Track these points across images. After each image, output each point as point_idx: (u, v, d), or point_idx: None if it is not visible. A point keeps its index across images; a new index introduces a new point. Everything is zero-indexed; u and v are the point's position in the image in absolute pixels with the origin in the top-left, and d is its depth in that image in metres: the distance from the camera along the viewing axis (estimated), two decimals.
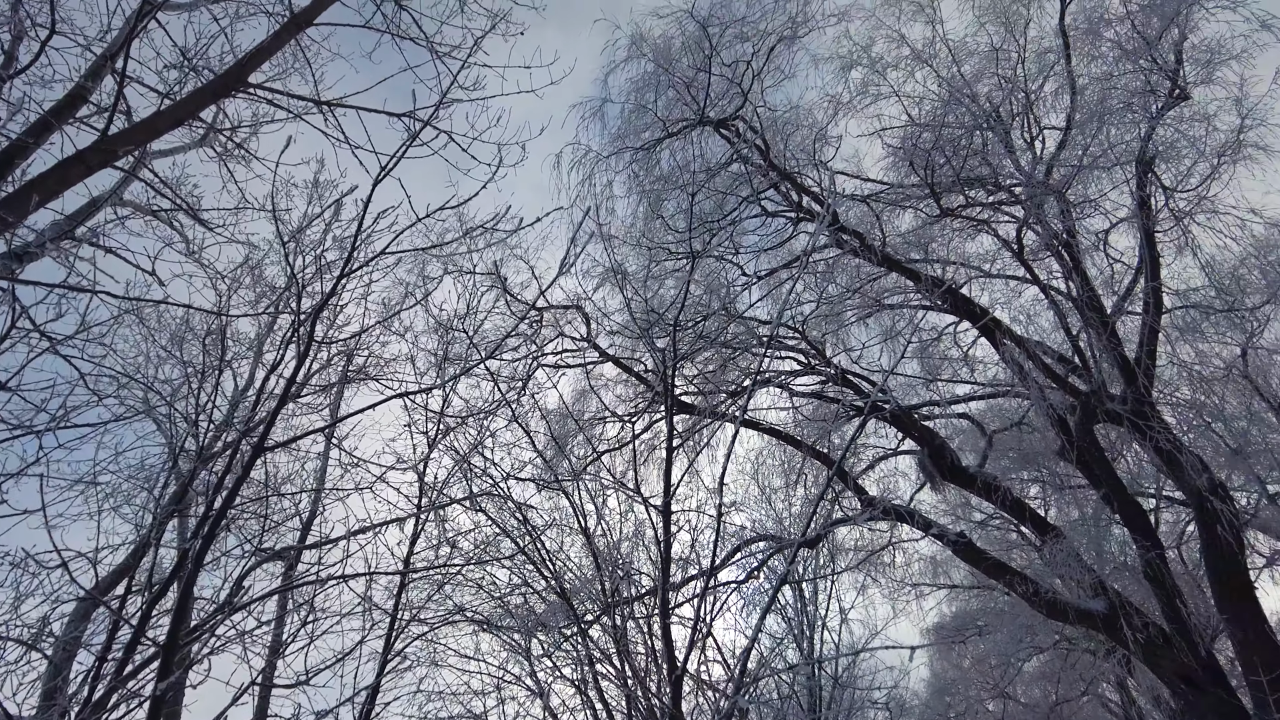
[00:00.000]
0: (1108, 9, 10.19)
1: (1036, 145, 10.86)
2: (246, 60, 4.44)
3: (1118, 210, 10.73)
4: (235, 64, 4.42)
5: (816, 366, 11.06)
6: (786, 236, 9.92)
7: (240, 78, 4.45)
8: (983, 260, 10.89)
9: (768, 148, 9.09)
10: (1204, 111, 10.04)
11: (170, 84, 5.52)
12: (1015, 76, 10.74)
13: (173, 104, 4.22)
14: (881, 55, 10.71)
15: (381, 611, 4.87)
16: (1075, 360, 10.38)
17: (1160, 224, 10.34)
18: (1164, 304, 10.44)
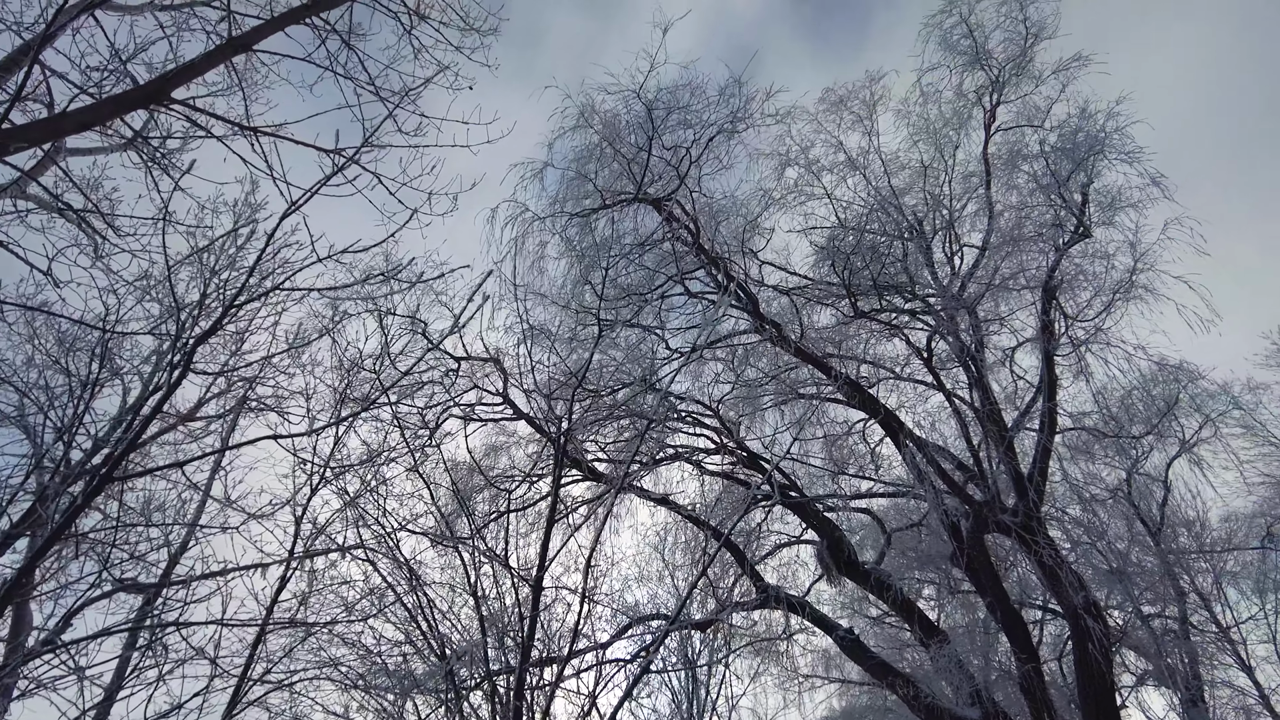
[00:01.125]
0: (1027, 145, 10.99)
1: (955, 260, 11.48)
2: (172, 74, 4.37)
3: (1024, 330, 11.35)
4: (159, 76, 4.34)
5: (729, 446, 11.16)
6: (709, 319, 10.13)
7: (163, 91, 4.36)
8: (895, 363, 11.31)
9: (698, 231, 9.36)
10: (1104, 250, 10.82)
11: (96, 85, 5.39)
12: (941, 194, 11.40)
13: (81, 107, 4.09)
14: (818, 158, 11.28)
15: (214, 664, 4.55)
16: (974, 469, 10.75)
17: (1060, 349, 10.94)
18: (1059, 424, 10.99)
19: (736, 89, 8.86)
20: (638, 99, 8.68)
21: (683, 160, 9.14)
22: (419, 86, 5.29)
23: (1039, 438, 10.56)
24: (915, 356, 10.78)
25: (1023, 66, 10.51)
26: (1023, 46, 10.41)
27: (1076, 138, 10.53)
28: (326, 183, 4.26)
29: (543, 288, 10.03)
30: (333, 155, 5.10)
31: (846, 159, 11.37)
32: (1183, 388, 12.31)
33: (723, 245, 10.25)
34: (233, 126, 4.90)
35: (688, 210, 9.36)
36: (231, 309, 3.79)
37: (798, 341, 9.48)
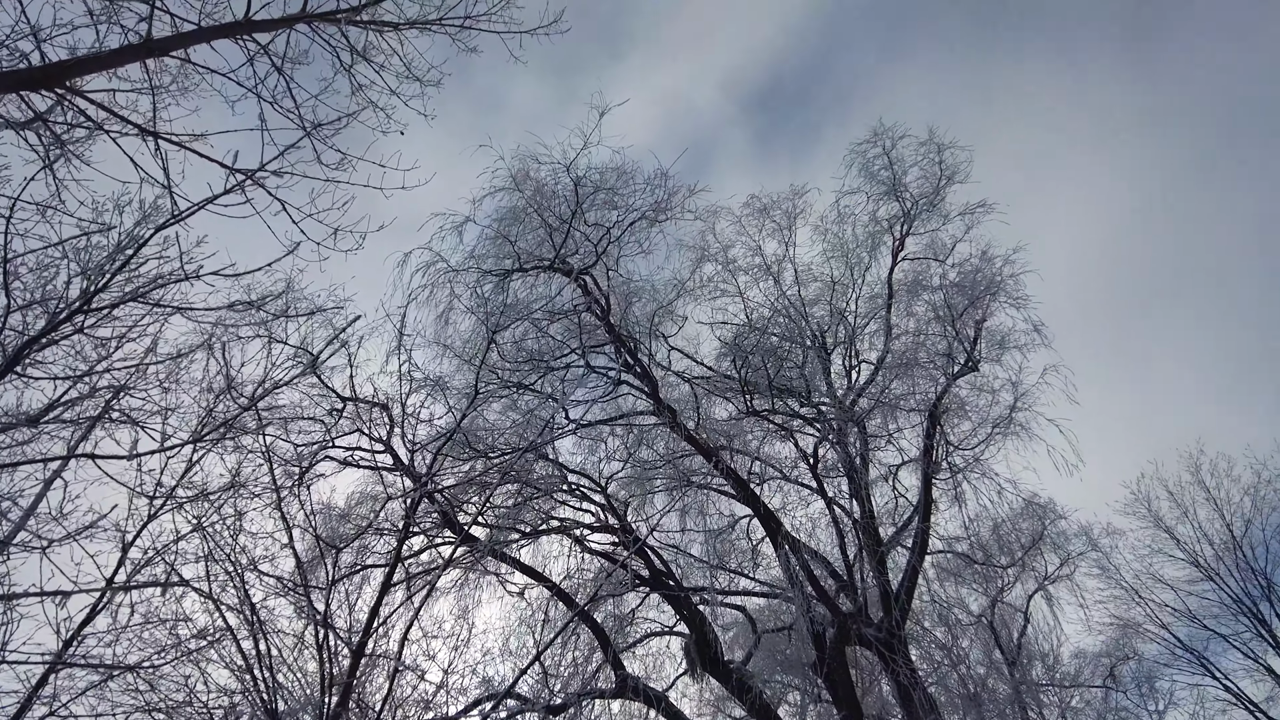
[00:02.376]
0: (929, 277, 11.68)
1: (852, 374, 11.95)
2: (72, 64, 4.21)
3: (908, 450, 11.79)
4: (56, 63, 4.17)
5: (611, 525, 11.03)
6: (606, 395, 10.18)
7: (58, 76, 4.19)
8: (783, 464, 11.53)
9: (608, 309, 9.47)
10: (990, 385, 11.47)
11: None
12: (846, 310, 11.93)
13: None
14: (736, 258, 11.70)
15: None
16: (845, 579, 10.91)
17: (940, 473, 11.38)
18: (931, 546, 11.35)
19: (662, 181, 9.20)
20: (567, 173, 8.88)
21: (603, 238, 9.31)
22: (335, 120, 5.24)
23: (911, 557, 10.85)
24: (803, 461, 11.01)
25: (934, 204, 11.27)
26: (936, 186, 11.20)
27: (975, 277, 11.26)
28: (215, 200, 4.13)
29: (449, 339, 9.89)
30: (233, 173, 4.97)
31: (763, 263, 11.82)
32: (1048, 525, 12.98)
33: (633, 325, 10.38)
34: (131, 127, 4.72)
35: (601, 287, 9.48)
36: (77, 313, 3.54)
37: (691, 430, 9.56)
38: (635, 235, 9.58)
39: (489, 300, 9.07)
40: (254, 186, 5.10)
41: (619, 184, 9.13)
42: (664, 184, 9.29)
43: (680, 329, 11.29)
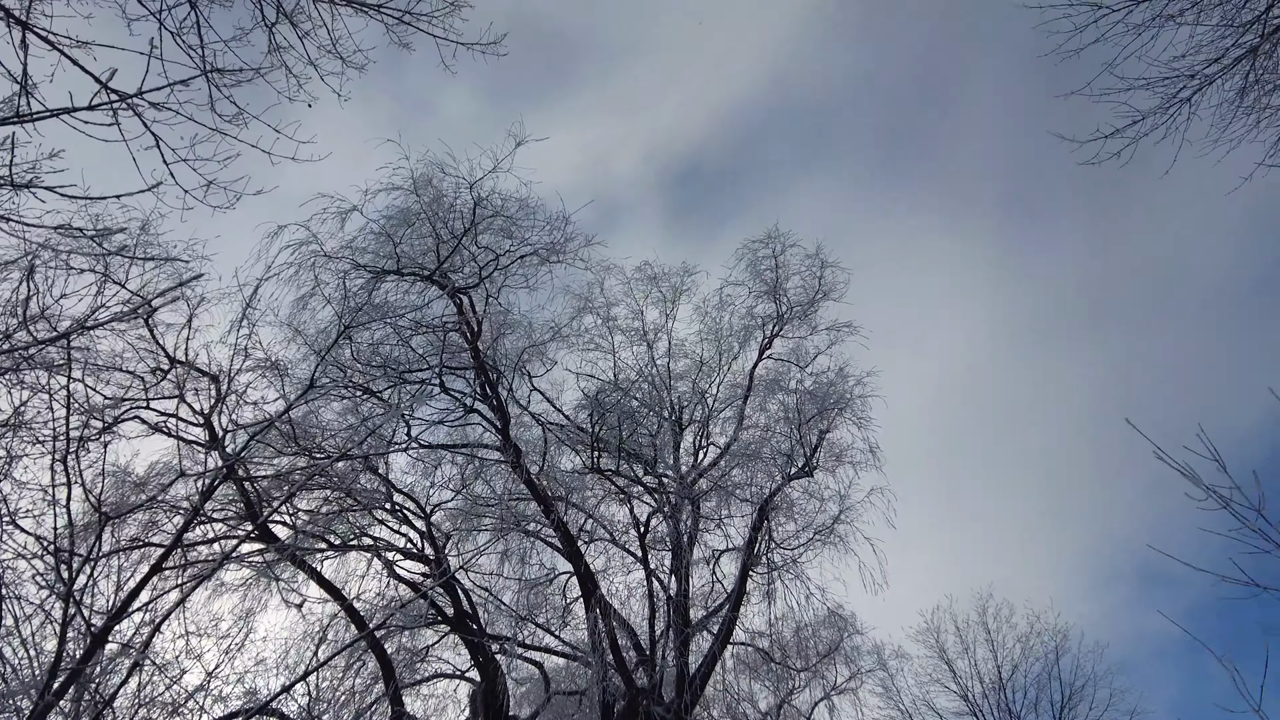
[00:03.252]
0: (788, 379, 12.24)
1: (699, 454, 12.25)
2: None
3: (734, 538, 12.10)
4: None
5: (427, 556, 10.60)
6: (455, 420, 9.91)
7: None
8: (615, 527, 11.55)
9: (478, 333, 9.31)
10: (820, 492, 12.03)
11: None
12: (708, 392, 12.29)
13: None
14: (618, 317, 11.86)
15: None
16: (647, 654, 10.92)
17: (758, 566, 11.71)
18: (735, 636, 11.60)
19: (563, 224, 9.26)
20: (470, 190, 8.76)
21: (490, 263, 9.20)
22: (240, 71, 4.95)
23: (714, 643, 11.01)
24: (634, 528, 11.07)
25: (806, 314, 11.93)
26: (811, 298, 11.87)
27: (829, 389, 11.89)
28: (76, 111, 3.75)
29: (303, 324, 9.35)
30: (106, 90, 4.57)
31: (641, 329, 12.05)
32: (845, 637, 13.56)
33: (500, 357, 10.23)
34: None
35: (477, 310, 9.32)
36: None
37: (533, 475, 9.43)
38: (524, 269, 9.54)
39: (354, 294, 8.68)
40: (127, 112, 4.71)
41: (519, 214, 9.11)
42: (563, 227, 9.37)
43: (548, 371, 11.26)
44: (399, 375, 9.20)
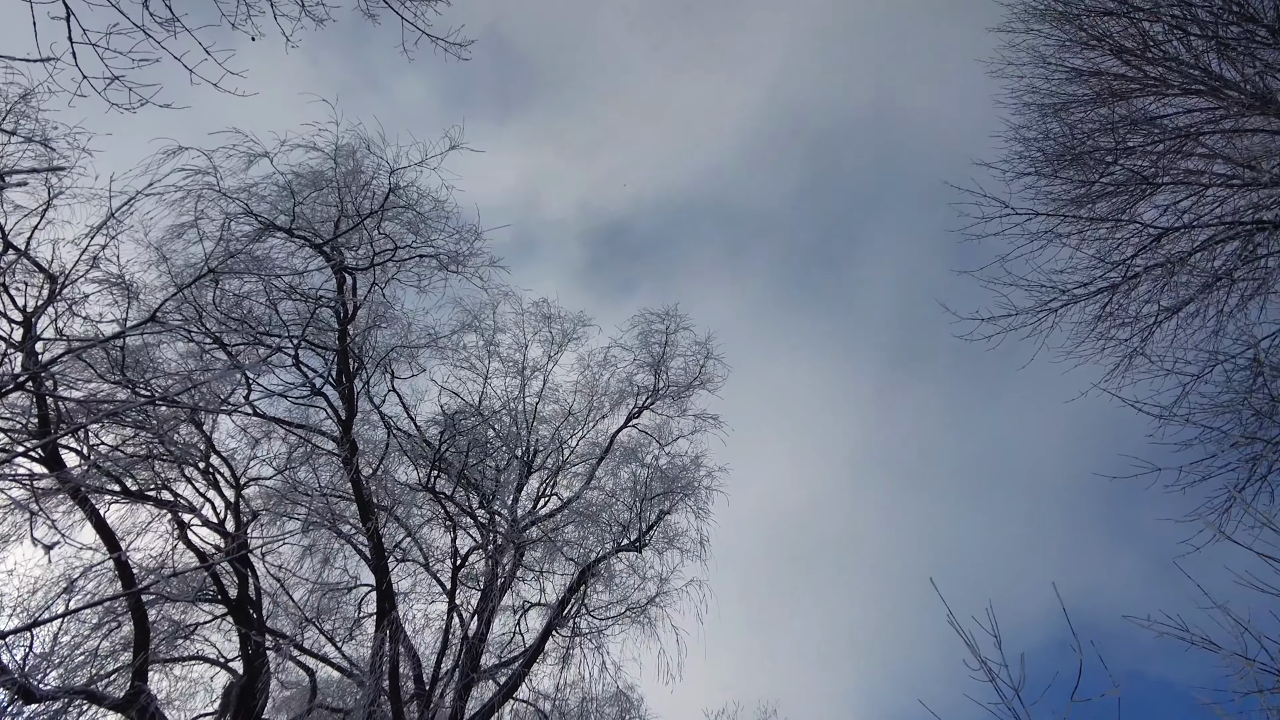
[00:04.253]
0: (646, 451, 12.38)
1: (540, 501, 12.10)
2: None
3: (549, 594, 11.94)
4: None
5: (227, 529, 9.86)
6: (299, 397, 9.40)
7: None
8: (433, 553, 11.17)
9: (352, 316, 8.96)
10: (644, 570, 12.07)
11: None
12: (568, 443, 12.25)
13: None
14: (499, 344, 11.75)
15: None
16: (425, 690, 10.49)
17: (563, 628, 11.53)
18: (520, 693, 11.31)
19: (473, 237, 9.13)
20: (390, 174, 8.53)
21: (388, 251, 8.93)
22: None
23: (496, 695, 10.71)
24: (451, 558, 10.75)
25: (679, 395, 12.18)
26: (688, 383, 12.16)
27: (680, 474, 12.09)
28: None
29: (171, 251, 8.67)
30: None
31: (521, 363, 11.95)
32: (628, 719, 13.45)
33: (368, 347, 9.85)
34: None
35: (358, 293, 8.99)
36: None
37: (364, 476, 9.03)
38: (420, 269, 9.29)
39: (235, 239, 8.18)
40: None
41: (432, 214, 8.92)
42: (472, 241, 9.23)
43: (413, 376, 10.91)
44: (256, 335, 8.67)
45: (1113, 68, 9.29)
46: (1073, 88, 9.36)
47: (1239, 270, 8.10)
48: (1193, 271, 7.96)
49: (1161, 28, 8.80)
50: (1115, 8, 8.92)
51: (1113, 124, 8.71)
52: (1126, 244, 8.29)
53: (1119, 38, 9.16)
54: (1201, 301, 8.10)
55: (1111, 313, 8.09)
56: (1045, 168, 8.50)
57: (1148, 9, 8.73)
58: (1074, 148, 8.46)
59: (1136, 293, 8.27)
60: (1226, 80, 8.25)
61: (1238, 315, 8.03)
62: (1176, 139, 8.62)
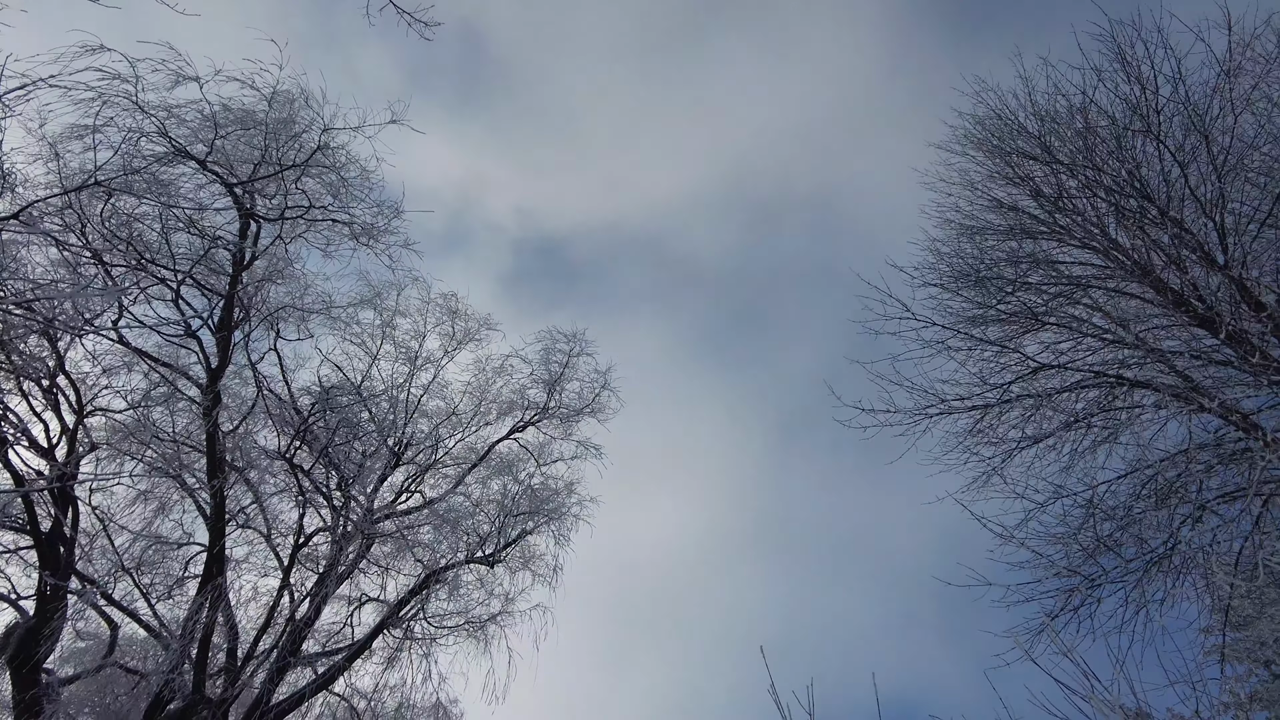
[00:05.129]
0: (522, 466, 12.24)
1: (402, 496, 11.77)
2: None
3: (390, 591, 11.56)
4: None
5: (54, 456, 9.12)
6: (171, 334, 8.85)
7: None
8: (279, 526, 10.67)
9: (247, 265, 8.55)
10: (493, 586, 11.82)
11: None
12: (442, 442, 11.99)
13: None
14: (398, 327, 11.44)
15: None
16: (238, 665, 9.93)
17: (396, 629, 11.21)
18: (336, 685, 10.88)
19: (391, 215, 8.88)
20: (323, 131, 8.21)
21: (303, 206, 8.58)
22: None
23: (311, 684, 10.26)
24: (295, 535, 10.28)
25: (568, 418, 12.15)
26: (578, 409, 12.15)
27: (553, 497, 12.00)
28: None
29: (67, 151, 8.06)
30: None
31: (415, 352, 11.67)
32: None
33: (258, 300, 9.40)
34: None
35: (259, 241, 8.60)
36: None
37: (223, 431, 8.55)
38: (332, 233, 8.97)
39: (141, 156, 7.68)
40: None
41: (356, 181, 8.65)
42: (390, 219, 8.99)
43: (299, 340, 10.48)
44: (140, 260, 8.14)
45: (1029, 208, 10.00)
46: (991, 216, 10.01)
47: (1096, 416, 8.76)
48: (1058, 409, 8.57)
49: (1076, 184, 9.55)
50: (1041, 156, 9.62)
51: (1018, 258, 9.35)
52: (1008, 370, 8.85)
53: (1040, 183, 9.89)
54: (1060, 438, 8.71)
55: (981, 430, 8.59)
56: (950, 283, 9.03)
57: (1067, 164, 9.46)
58: (979, 271, 9.03)
59: (1007, 417, 8.82)
60: (1118, 244, 9.00)
61: (1087, 456, 8.67)
62: (1069, 285, 9.31)
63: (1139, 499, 7.76)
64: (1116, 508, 7.68)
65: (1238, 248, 7.95)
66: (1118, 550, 6.91)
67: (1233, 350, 7.81)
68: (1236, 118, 7.92)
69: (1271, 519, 7.35)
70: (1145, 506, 7.61)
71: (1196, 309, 8.12)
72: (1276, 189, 7.84)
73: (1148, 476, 7.67)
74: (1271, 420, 7.63)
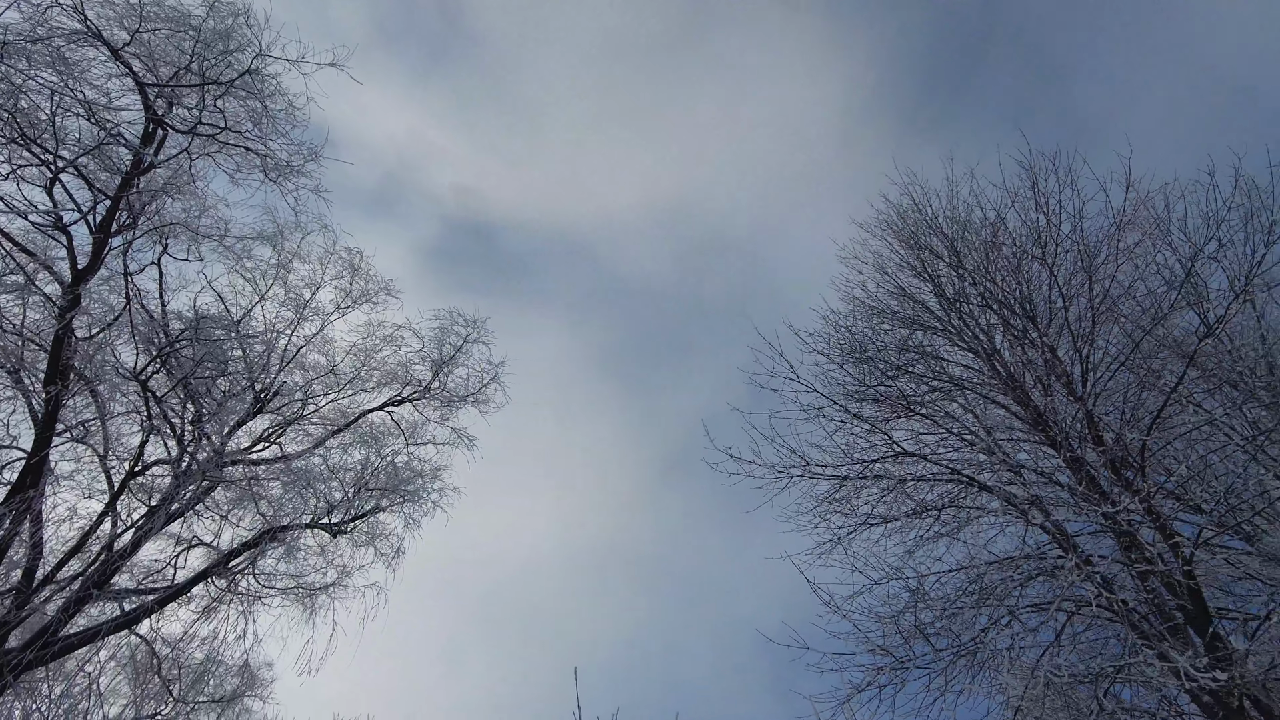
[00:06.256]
0: (388, 438, 11.93)
1: (261, 446, 11.29)
2: None
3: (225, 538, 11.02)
4: None
5: None
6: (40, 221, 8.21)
7: None
8: (119, 449, 10.02)
9: (145, 168, 8.05)
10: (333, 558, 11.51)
11: None
12: (315, 400, 11.57)
13: None
14: (295, 271, 11.01)
15: None
16: None
17: (221, 578, 10.71)
18: (142, 628, 10.28)
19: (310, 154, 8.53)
20: (256, 56, 7.85)
21: (216, 126, 8.18)
22: None
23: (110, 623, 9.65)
24: (134, 461, 9.67)
25: (449, 403, 11.94)
26: (463, 395, 11.96)
27: (414, 477, 11.72)
28: None
29: None
30: None
31: (303, 301, 11.24)
32: (247, 695, 12.52)
33: (152, 211, 8.86)
34: None
35: (163, 150, 8.13)
36: None
37: (75, 336, 7.97)
38: (244, 160, 8.57)
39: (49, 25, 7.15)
40: None
41: (280, 113, 8.27)
42: (305, 162, 8.62)
43: (185, 260, 9.91)
44: (23, 134, 7.55)
45: (929, 303, 10.53)
46: (892, 302, 10.49)
47: (945, 510, 9.24)
48: (910, 495, 8.99)
49: (975, 291, 10.12)
50: (949, 259, 10.17)
51: (907, 347, 9.82)
52: (873, 448, 9.24)
53: (944, 281, 10.43)
54: (908, 522, 9.14)
55: (837, 499, 8.92)
56: (837, 356, 9.40)
57: (971, 272, 10.03)
58: (867, 351, 9.43)
59: (864, 492, 9.20)
60: (1000, 355, 9.59)
61: (928, 545, 9.13)
62: (946, 383, 9.83)
63: (963, 594, 8.21)
64: (942, 599, 8.10)
65: (1095, 384, 8.60)
66: (929, 638, 7.27)
67: (1071, 474, 8.42)
68: (1119, 266, 8.60)
69: (1071, 634, 7.92)
70: (967, 603, 8.06)
71: (1051, 431, 8.71)
72: (1139, 338, 8.54)
73: (975, 575, 8.12)
74: (1089, 545, 8.25)
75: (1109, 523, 7.64)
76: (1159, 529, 7.37)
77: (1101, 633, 8.46)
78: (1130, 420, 8.46)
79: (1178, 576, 7.00)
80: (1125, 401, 8.81)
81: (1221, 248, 7.63)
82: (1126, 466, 8.16)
